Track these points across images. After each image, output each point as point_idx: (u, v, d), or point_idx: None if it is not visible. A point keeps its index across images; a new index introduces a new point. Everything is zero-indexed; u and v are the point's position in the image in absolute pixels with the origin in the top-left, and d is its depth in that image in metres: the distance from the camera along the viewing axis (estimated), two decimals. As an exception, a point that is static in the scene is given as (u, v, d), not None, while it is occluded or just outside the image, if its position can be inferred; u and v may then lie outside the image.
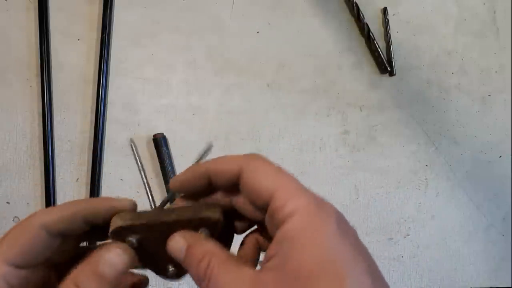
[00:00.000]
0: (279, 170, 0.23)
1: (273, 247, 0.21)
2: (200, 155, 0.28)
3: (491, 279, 0.62)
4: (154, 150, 0.56)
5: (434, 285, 0.61)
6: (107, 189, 0.55)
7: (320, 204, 0.21)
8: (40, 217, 0.25)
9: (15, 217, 0.54)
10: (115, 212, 0.26)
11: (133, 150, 0.29)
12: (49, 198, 0.53)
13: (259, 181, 0.23)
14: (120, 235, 0.25)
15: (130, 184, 0.56)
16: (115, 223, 0.25)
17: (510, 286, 0.62)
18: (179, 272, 0.28)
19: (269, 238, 0.23)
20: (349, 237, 0.21)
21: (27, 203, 0.54)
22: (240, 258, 0.26)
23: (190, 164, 0.27)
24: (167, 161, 0.55)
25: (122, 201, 0.26)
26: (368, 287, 0.19)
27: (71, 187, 0.55)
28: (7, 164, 0.54)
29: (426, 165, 0.62)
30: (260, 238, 0.28)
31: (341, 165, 0.60)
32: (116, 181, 0.55)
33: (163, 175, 0.55)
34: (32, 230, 0.24)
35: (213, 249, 0.23)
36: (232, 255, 0.24)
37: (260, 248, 0.28)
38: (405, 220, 0.61)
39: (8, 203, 0.54)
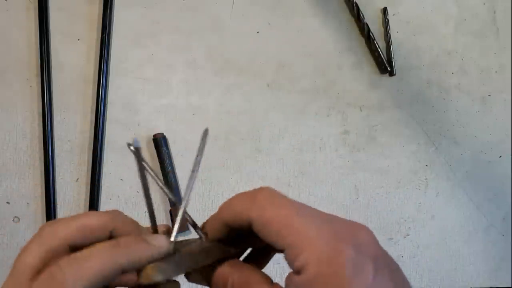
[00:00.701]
0: (292, 214, 0.22)
1: (289, 283, 0.22)
2: (200, 145, 0.28)
3: (491, 279, 0.62)
4: (154, 150, 0.56)
5: (434, 285, 0.61)
6: (107, 189, 0.55)
7: (333, 251, 0.21)
8: (78, 282, 0.21)
9: (15, 217, 0.54)
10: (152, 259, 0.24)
11: (135, 154, 0.27)
12: (49, 198, 0.53)
13: (269, 232, 0.23)
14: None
15: (130, 184, 0.56)
16: (151, 277, 0.24)
17: (510, 286, 0.62)
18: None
19: None
20: (362, 277, 0.21)
21: (27, 203, 0.54)
22: (258, 275, 0.26)
23: (193, 159, 0.27)
24: (167, 161, 0.55)
25: (159, 248, 0.24)
26: None
27: (71, 187, 0.55)
28: (7, 164, 0.54)
29: (426, 165, 0.62)
30: None
31: (341, 165, 0.60)
32: (116, 181, 0.55)
33: (163, 175, 0.55)
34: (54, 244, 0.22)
35: (231, 271, 0.25)
36: (250, 272, 0.25)
37: None
38: (405, 220, 0.61)
39: (8, 203, 0.54)
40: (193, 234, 0.33)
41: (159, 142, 0.55)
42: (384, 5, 0.64)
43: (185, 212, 0.27)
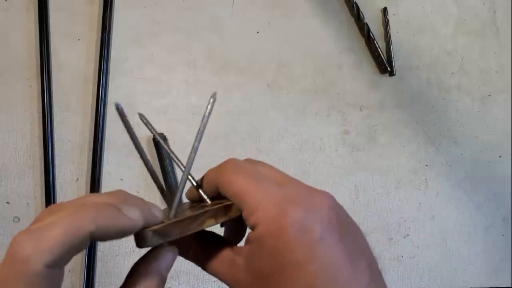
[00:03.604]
0: (248, 180, 0.25)
1: (246, 239, 0.26)
2: (208, 108, 0.29)
3: (491, 279, 0.62)
4: (154, 150, 0.56)
5: (434, 285, 0.61)
6: (107, 189, 0.55)
7: (281, 214, 0.23)
8: (39, 256, 0.19)
9: (15, 217, 0.54)
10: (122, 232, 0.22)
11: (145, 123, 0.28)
12: (49, 198, 0.53)
13: (231, 192, 0.26)
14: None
15: (130, 184, 0.56)
16: (148, 241, 0.24)
17: (510, 286, 0.62)
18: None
19: None
20: (305, 243, 0.23)
21: (27, 203, 0.54)
22: (218, 237, 0.29)
23: (203, 118, 0.30)
24: (167, 161, 0.55)
25: (131, 221, 0.22)
26: (312, 280, 0.22)
27: (71, 187, 0.55)
28: (7, 164, 0.54)
29: (426, 165, 0.62)
30: None
31: (341, 165, 0.60)
32: (116, 181, 0.55)
33: (163, 175, 0.55)
34: (37, 276, 0.19)
35: (190, 243, 0.27)
36: (212, 234, 0.28)
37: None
38: (405, 220, 0.61)
39: (8, 203, 0.54)
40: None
41: (159, 142, 0.55)
42: (384, 5, 0.64)
43: (188, 175, 0.28)
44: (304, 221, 0.23)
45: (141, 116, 0.27)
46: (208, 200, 0.28)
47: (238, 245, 0.28)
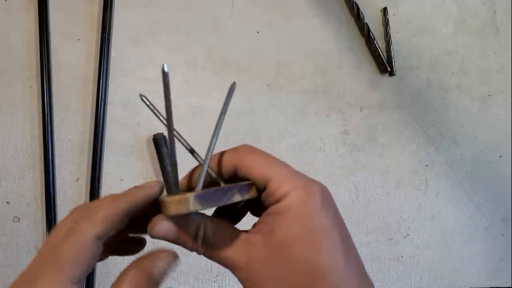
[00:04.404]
0: (270, 159, 0.27)
1: (263, 218, 0.26)
2: (227, 98, 0.30)
3: (491, 279, 0.62)
4: (154, 150, 0.56)
5: (434, 285, 0.61)
6: (107, 189, 0.55)
7: (307, 185, 0.25)
8: (92, 230, 0.24)
9: (15, 217, 0.54)
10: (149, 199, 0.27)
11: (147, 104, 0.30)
12: (49, 198, 0.53)
13: (255, 172, 0.26)
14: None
15: (130, 184, 0.55)
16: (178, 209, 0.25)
17: (510, 286, 0.62)
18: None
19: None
20: (329, 212, 0.25)
21: (27, 203, 0.54)
22: (226, 222, 0.28)
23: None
24: (167, 161, 0.55)
25: (150, 188, 0.28)
26: (340, 252, 0.24)
27: (71, 187, 0.55)
28: (7, 164, 0.54)
29: (426, 165, 0.62)
30: None
31: (341, 165, 0.60)
32: (116, 181, 0.55)
33: (163, 175, 0.55)
34: (89, 246, 0.24)
35: (201, 219, 0.27)
36: (220, 219, 0.28)
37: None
38: (405, 220, 0.61)
39: (8, 203, 0.54)
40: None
41: (159, 142, 0.55)
42: (384, 5, 0.64)
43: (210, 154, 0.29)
44: (324, 195, 0.25)
45: (143, 97, 0.27)
46: (222, 183, 0.28)
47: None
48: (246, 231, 0.27)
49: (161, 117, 0.29)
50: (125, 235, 0.30)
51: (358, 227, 0.60)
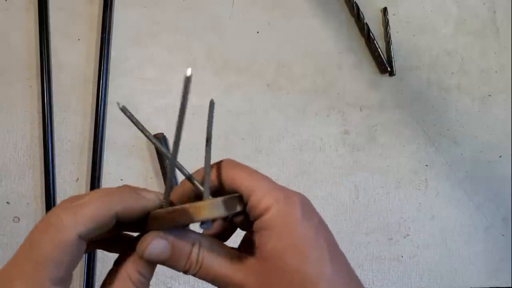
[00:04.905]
0: (252, 172, 0.27)
1: (251, 234, 0.26)
2: (209, 116, 0.30)
3: (491, 279, 0.62)
4: (154, 150, 0.56)
5: (434, 285, 0.61)
6: (107, 189, 0.55)
7: (287, 197, 0.26)
8: (75, 227, 0.23)
9: (15, 217, 0.54)
10: (145, 211, 0.26)
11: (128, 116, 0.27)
12: (49, 198, 0.53)
13: (238, 186, 0.27)
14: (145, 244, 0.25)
15: (130, 184, 0.55)
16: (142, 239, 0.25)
17: (510, 286, 0.62)
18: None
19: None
20: (311, 221, 0.26)
21: (27, 203, 0.54)
22: (218, 240, 0.28)
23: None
24: (167, 161, 0.55)
25: (150, 201, 0.26)
26: (326, 260, 0.24)
27: (71, 187, 0.55)
28: (7, 164, 0.54)
29: (426, 165, 0.62)
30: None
31: (341, 165, 0.60)
32: (116, 181, 0.55)
33: (163, 175, 0.55)
34: (71, 244, 0.23)
35: (196, 237, 0.26)
36: (213, 238, 0.28)
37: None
38: (405, 220, 0.61)
39: (8, 203, 0.54)
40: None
41: (159, 142, 0.55)
42: (384, 5, 0.64)
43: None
44: (304, 206, 0.26)
45: (123, 108, 0.26)
46: (210, 196, 0.28)
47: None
48: (235, 248, 0.27)
49: (141, 128, 0.28)
50: (116, 233, 0.29)
51: (358, 227, 0.60)
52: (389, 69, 0.62)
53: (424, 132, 0.63)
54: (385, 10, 0.64)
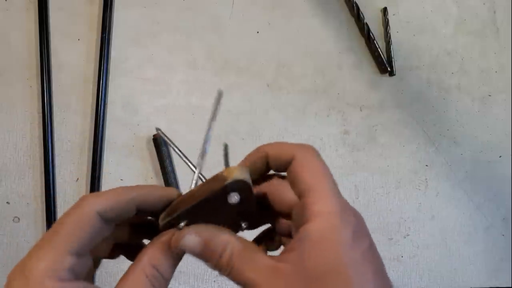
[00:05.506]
0: (323, 168, 0.26)
1: (294, 243, 0.24)
2: (215, 105, 0.29)
3: (491, 279, 0.62)
4: (154, 150, 0.56)
5: (434, 285, 0.61)
6: (107, 189, 0.55)
7: (343, 211, 0.25)
8: (95, 204, 0.25)
9: (15, 217, 0.54)
10: (164, 201, 0.27)
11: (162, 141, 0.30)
12: (49, 198, 0.53)
13: (304, 174, 0.26)
14: (169, 227, 0.27)
15: (130, 184, 0.55)
16: (162, 219, 0.27)
17: (510, 286, 0.62)
18: (252, 224, 0.29)
19: (284, 235, 0.29)
20: (362, 245, 0.24)
21: (27, 203, 0.54)
22: (254, 245, 0.27)
23: (207, 118, 0.30)
24: (167, 161, 0.55)
25: (168, 190, 0.28)
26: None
27: (71, 187, 0.55)
28: (7, 164, 0.54)
29: (426, 165, 0.62)
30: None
31: (341, 165, 0.60)
32: (116, 181, 0.55)
33: (163, 174, 0.55)
34: (89, 218, 0.24)
35: (230, 239, 0.25)
36: (249, 242, 0.26)
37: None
38: (405, 220, 0.61)
39: (8, 203, 0.54)
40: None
41: (159, 142, 0.55)
42: (384, 5, 0.64)
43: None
44: (360, 222, 0.25)
45: (159, 131, 0.28)
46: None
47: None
48: (273, 257, 0.25)
49: (177, 150, 0.30)
50: (140, 240, 0.30)
51: (358, 227, 0.60)
52: (389, 69, 0.62)
53: (424, 132, 0.63)
54: (385, 10, 0.64)
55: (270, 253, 0.27)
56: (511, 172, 0.64)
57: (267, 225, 0.31)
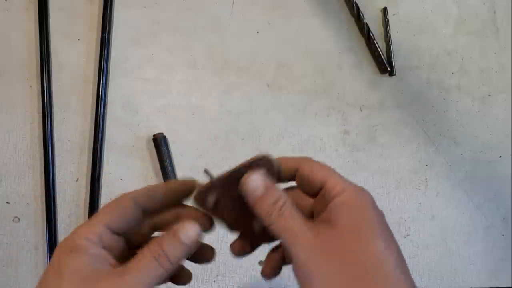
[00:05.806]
0: (328, 167, 0.31)
1: (324, 214, 0.29)
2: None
3: (491, 279, 0.62)
4: (154, 150, 0.56)
5: (434, 285, 0.61)
6: (107, 189, 0.55)
7: (358, 187, 0.30)
8: (132, 192, 0.30)
9: (15, 217, 0.54)
10: (186, 192, 0.32)
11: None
12: (49, 198, 0.53)
13: (315, 174, 0.30)
14: (200, 197, 0.31)
15: (130, 184, 0.56)
16: (196, 190, 0.31)
17: (510, 286, 0.62)
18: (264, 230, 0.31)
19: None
20: (377, 209, 0.30)
21: (27, 203, 0.54)
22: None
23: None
24: (167, 161, 0.55)
25: (194, 182, 0.32)
26: (394, 241, 0.29)
27: (71, 187, 0.55)
28: (7, 164, 0.54)
29: (426, 165, 0.62)
30: None
31: (341, 165, 0.60)
32: (116, 181, 0.55)
33: (163, 174, 0.55)
34: (125, 201, 0.29)
35: (283, 193, 0.30)
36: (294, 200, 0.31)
37: None
38: (405, 220, 0.61)
39: (8, 203, 0.54)
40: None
41: (159, 142, 0.55)
42: (384, 5, 0.64)
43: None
44: (371, 196, 0.30)
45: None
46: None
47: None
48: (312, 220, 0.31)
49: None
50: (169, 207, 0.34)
51: (358, 227, 0.60)
52: (389, 69, 0.62)
53: (424, 132, 0.63)
54: (385, 10, 0.64)
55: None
56: (511, 172, 0.64)
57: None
